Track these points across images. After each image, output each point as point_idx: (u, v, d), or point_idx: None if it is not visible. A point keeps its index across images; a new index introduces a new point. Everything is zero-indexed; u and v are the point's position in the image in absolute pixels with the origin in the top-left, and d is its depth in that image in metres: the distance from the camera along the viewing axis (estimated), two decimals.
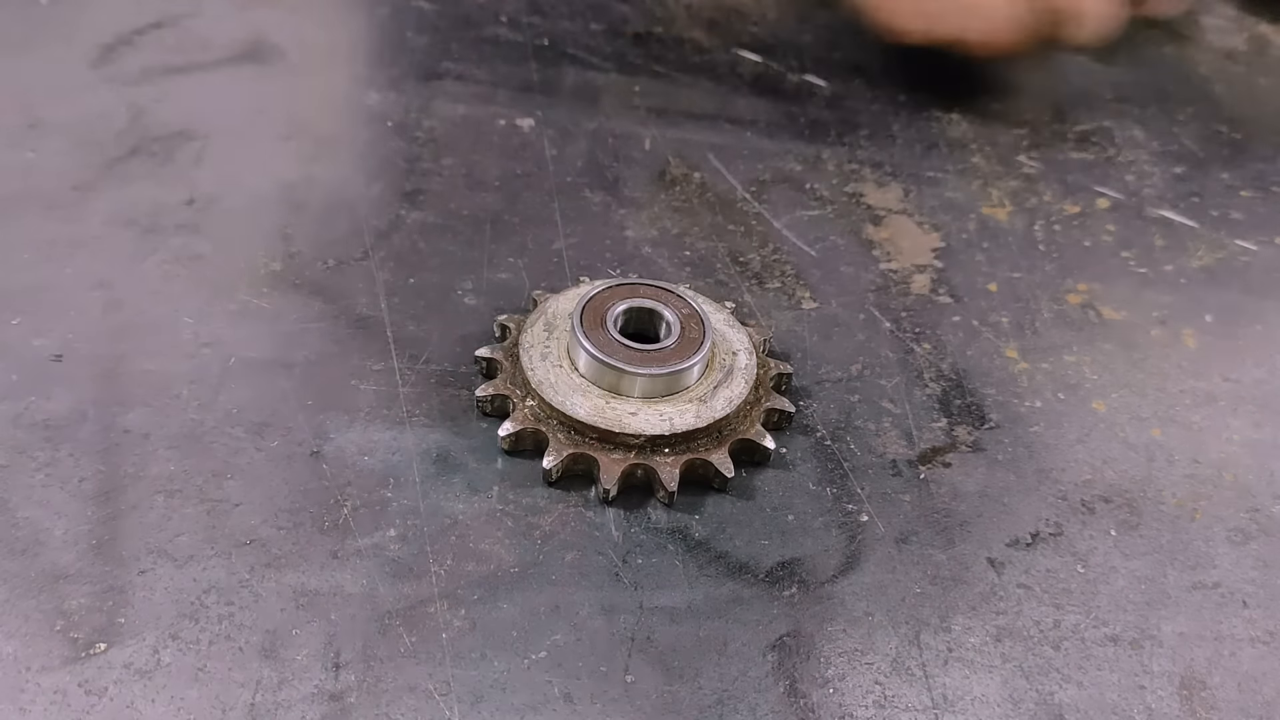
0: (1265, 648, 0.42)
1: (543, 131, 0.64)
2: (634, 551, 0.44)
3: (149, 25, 0.69)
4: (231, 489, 0.44)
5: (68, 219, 0.55)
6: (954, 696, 0.40)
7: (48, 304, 0.51)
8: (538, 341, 0.48)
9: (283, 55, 0.68)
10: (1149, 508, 0.47)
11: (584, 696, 0.39)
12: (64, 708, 0.37)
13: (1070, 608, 0.43)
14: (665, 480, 0.45)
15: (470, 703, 0.39)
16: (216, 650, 0.39)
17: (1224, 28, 0.80)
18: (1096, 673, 0.41)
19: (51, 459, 0.45)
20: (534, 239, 0.57)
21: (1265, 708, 0.41)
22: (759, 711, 0.39)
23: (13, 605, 0.40)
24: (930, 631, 0.42)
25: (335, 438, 0.46)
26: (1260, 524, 0.47)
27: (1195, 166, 0.67)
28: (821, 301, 0.55)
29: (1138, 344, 0.55)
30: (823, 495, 0.46)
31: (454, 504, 0.45)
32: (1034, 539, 0.46)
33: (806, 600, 0.43)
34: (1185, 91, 0.74)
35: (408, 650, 0.40)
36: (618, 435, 0.45)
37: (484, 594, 0.42)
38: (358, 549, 0.43)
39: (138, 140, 0.60)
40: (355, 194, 0.59)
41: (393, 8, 0.72)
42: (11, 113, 0.61)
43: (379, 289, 0.53)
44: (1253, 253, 0.61)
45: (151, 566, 0.41)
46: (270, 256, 0.54)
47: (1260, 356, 0.55)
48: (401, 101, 0.65)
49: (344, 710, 0.38)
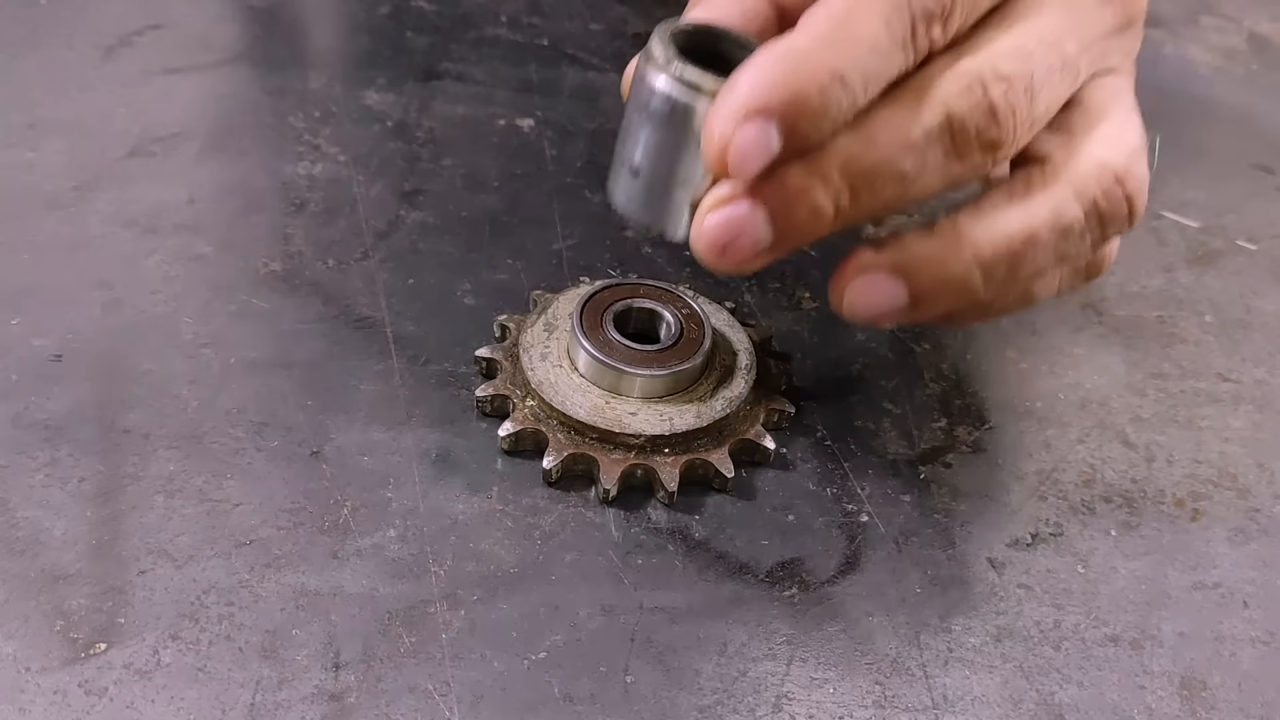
0: (1265, 648, 0.42)
1: (543, 131, 0.64)
2: (634, 551, 0.44)
3: (149, 26, 0.69)
4: (231, 489, 0.44)
5: (68, 219, 0.55)
6: (954, 696, 0.40)
7: (48, 304, 0.51)
8: (537, 342, 0.48)
9: (283, 55, 0.68)
10: (1149, 508, 0.47)
11: (584, 696, 0.39)
12: (64, 708, 0.37)
13: (1070, 608, 0.43)
14: (665, 480, 0.45)
15: (470, 703, 0.39)
16: (216, 650, 0.39)
17: (1224, 28, 0.80)
18: (1096, 673, 0.41)
19: (51, 459, 0.45)
20: (533, 239, 0.57)
21: (1265, 708, 0.41)
22: (758, 712, 0.39)
23: (13, 605, 0.40)
24: (930, 631, 0.42)
25: (335, 438, 0.46)
26: (1260, 524, 0.47)
27: (1195, 166, 0.67)
28: (821, 301, 0.55)
29: (1138, 344, 0.55)
30: (823, 495, 0.46)
31: (454, 504, 0.45)
32: (1034, 539, 0.46)
33: (806, 600, 0.43)
34: (1185, 91, 0.74)
35: (408, 650, 0.40)
36: (618, 435, 0.45)
37: (484, 594, 0.42)
38: (358, 549, 0.43)
39: (138, 140, 0.61)
40: (355, 194, 0.59)
41: (393, 8, 0.73)
42: (11, 113, 0.61)
43: (379, 289, 0.53)
44: (1252, 253, 0.61)
45: (151, 566, 0.41)
46: (270, 256, 0.54)
47: (1260, 356, 0.55)
48: (401, 101, 0.65)
49: (344, 710, 0.38)
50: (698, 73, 0.37)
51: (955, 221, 0.41)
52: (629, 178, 0.40)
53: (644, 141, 0.39)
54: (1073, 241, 0.41)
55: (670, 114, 0.38)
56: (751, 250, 0.39)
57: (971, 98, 0.37)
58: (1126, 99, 0.43)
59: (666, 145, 0.39)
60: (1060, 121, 0.42)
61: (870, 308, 0.41)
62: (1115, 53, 0.43)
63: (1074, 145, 0.41)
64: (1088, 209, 0.41)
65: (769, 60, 0.36)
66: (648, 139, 0.39)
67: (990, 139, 0.38)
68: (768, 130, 0.36)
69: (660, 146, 0.39)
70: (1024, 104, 0.38)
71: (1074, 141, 0.41)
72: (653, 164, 0.40)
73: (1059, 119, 0.42)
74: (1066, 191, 0.41)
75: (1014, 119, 0.38)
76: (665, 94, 0.38)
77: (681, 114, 0.38)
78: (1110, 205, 0.41)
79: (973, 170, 0.39)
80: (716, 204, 0.39)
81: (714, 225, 0.39)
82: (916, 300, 0.41)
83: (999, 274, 0.41)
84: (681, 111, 0.38)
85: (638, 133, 0.40)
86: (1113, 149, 0.41)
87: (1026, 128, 0.39)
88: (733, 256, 0.39)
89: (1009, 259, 0.40)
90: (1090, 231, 0.41)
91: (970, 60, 0.38)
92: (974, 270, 0.41)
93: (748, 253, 0.39)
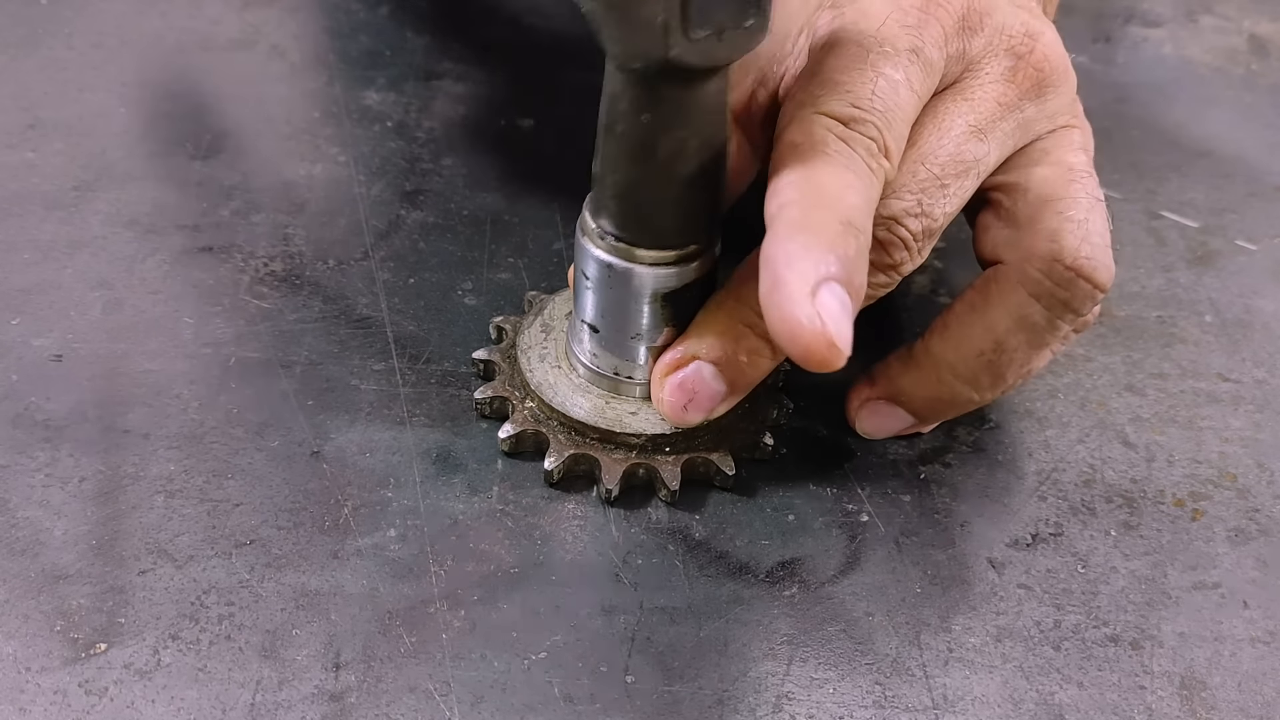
0: (1265, 648, 0.42)
1: (543, 131, 0.64)
2: (634, 551, 0.44)
3: (148, 25, 0.69)
4: (231, 489, 0.44)
5: (68, 219, 0.55)
6: (954, 696, 0.40)
7: (48, 304, 0.51)
8: (535, 343, 0.48)
9: (283, 55, 0.68)
10: (1149, 508, 0.47)
11: (584, 696, 0.39)
12: (64, 708, 0.37)
13: (1070, 608, 0.43)
14: (667, 479, 0.45)
15: (470, 703, 0.39)
16: (216, 650, 0.39)
17: (1224, 28, 0.80)
18: (1096, 673, 0.41)
19: (51, 459, 0.45)
20: (534, 239, 0.57)
21: (1265, 708, 0.41)
22: (759, 712, 0.39)
23: (13, 605, 0.40)
24: (930, 631, 0.42)
25: (335, 438, 0.46)
26: (1260, 524, 0.47)
27: (1195, 166, 0.67)
28: None
29: (1138, 344, 0.55)
30: (823, 495, 0.46)
31: (454, 504, 0.45)
32: (1034, 539, 0.46)
33: (806, 600, 0.43)
34: (1185, 91, 0.74)
35: (408, 650, 0.40)
36: (618, 435, 0.45)
37: (484, 594, 0.42)
38: (358, 549, 0.43)
39: (138, 140, 0.61)
40: (355, 194, 0.59)
41: (393, 8, 0.72)
42: (11, 113, 0.61)
43: (379, 289, 0.53)
44: (1252, 252, 0.61)
45: (151, 566, 0.41)
46: (270, 256, 0.54)
47: (1260, 356, 0.55)
48: (401, 101, 0.65)
49: (344, 710, 0.38)
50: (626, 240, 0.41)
51: (928, 346, 0.45)
52: (590, 334, 0.45)
53: (593, 304, 0.44)
54: (1042, 332, 0.43)
55: (610, 277, 0.42)
56: (710, 403, 0.43)
57: None
58: (1068, 161, 0.44)
59: (614, 304, 0.43)
60: (1008, 214, 0.44)
61: (883, 431, 0.47)
62: (1039, 120, 0.44)
63: (1022, 243, 0.43)
64: (1047, 302, 0.43)
65: None
66: (596, 301, 0.44)
67: (891, 264, 0.42)
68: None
69: (609, 306, 0.43)
70: (912, 225, 0.41)
71: (1021, 238, 0.43)
72: (607, 321, 0.44)
73: (1006, 211, 0.44)
74: (1021, 294, 0.43)
75: (900, 244, 0.41)
76: (602, 260, 0.42)
77: (621, 275, 0.42)
78: (1070, 292, 0.42)
79: (886, 283, 0.42)
80: (667, 369, 0.43)
81: (672, 389, 0.43)
82: (921, 417, 0.45)
83: (984, 381, 0.44)
84: (621, 273, 0.42)
85: (585, 295, 0.44)
86: (1060, 236, 0.42)
87: (926, 237, 0.42)
88: (696, 412, 0.43)
89: (987, 366, 0.43)
90: (1058, 317, 0.43)
91: None
92: (957, 385, 0.44)
93: (707, 405, 0.43)
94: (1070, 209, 0.42)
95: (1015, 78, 0.43)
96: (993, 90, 0.42)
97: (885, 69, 0.40)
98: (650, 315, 0.43)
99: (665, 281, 0.42)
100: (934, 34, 0.41)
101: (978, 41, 0.43)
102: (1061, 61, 0.44)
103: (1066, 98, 0.45)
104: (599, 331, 0.45)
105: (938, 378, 0.45)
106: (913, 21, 0.41)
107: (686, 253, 0.42)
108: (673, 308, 0.43)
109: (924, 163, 0.41)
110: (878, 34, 0.40)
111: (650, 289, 0.42)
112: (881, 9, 0.41)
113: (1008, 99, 0.42)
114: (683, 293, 0.43)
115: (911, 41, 0.40)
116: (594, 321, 0.44)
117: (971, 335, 0.44)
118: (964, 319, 0.44)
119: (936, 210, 0.41)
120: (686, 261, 0.42)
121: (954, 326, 0.44)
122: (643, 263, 0.42)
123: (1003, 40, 0.43)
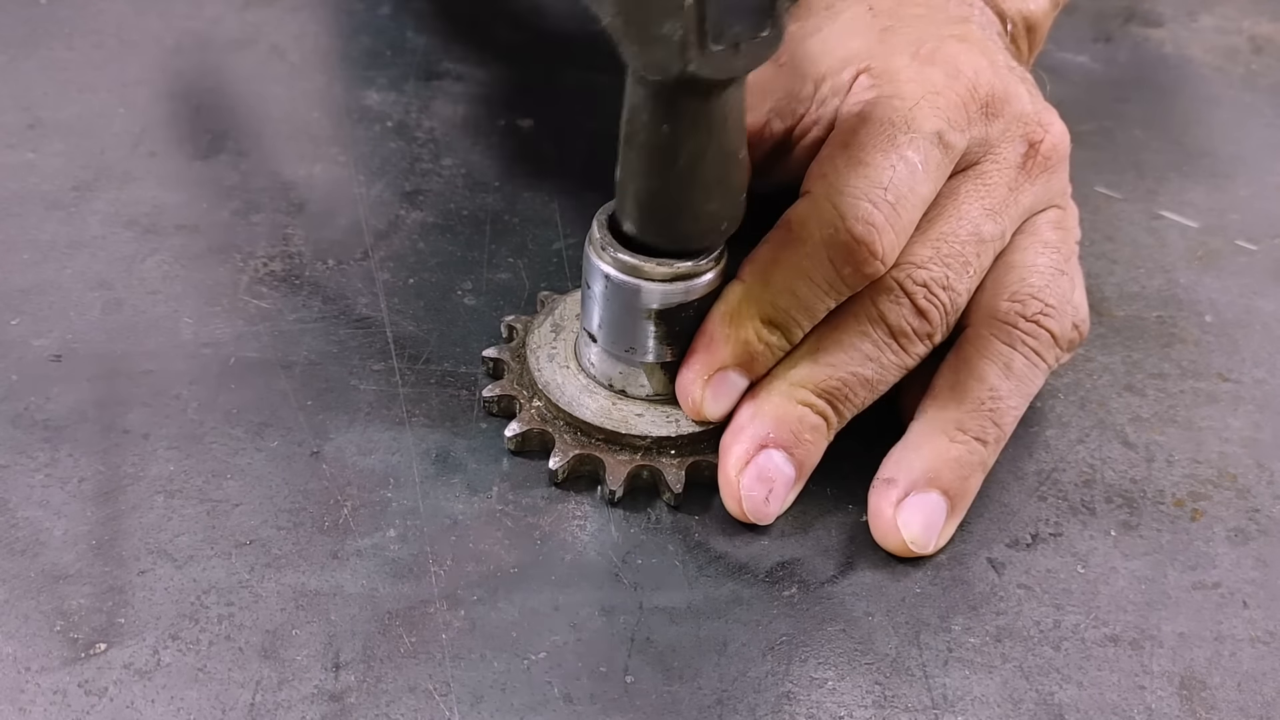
0: (1265, 648, 0.42)
1: (543, 131, 0.64)
2: (634, 551, 0.44)
3: (148, 25, 0.69)
4: (231, 489, 0.44)
5: (68, 219, 0.55)
6: (954, 696, 0.40)
7: (48, 304, 0.51)
8: (544, 342, 0.48)
9: (282, 55, 0.68)
10: (1149, 508, 0.47)
11: (584, 696, 0.39)
12: (64, 708, 0.37)
13: (1070, 608, 0.43)
14: (671, 482, 0.45)
15: (470, 703, 0.39)
16: (216, 650, 0.39)
17: (1224, 28, 0.80)
18: (1096, 673, 0.41)
19: (51, 459, 0.45)
20: (534, 239, 0.57)
21: (1265, 708, 0.41)
22: (759, 712, 0.39)
23: (13, 605, 0.40)
24: (930, 631, 0.42)
25: (335, 438, 0.46)
26: (1260, 524, 0.47)
27: (1195, 166, 0.67)
28: None
29: (1137, 344, 0.55)
30: (823, 495, 0.46)
31: (454, 504, 0.45)
32: (1034, 539, 0.46)
33: (806, 600, 0.43)
34: (1185, 91, 0.74)
35: (408, 650, 0.40)
36: (624, 436, 0.45)
37: (484, 594, 0.42)
38: (358, 549, 0.43)
39: (137, 140, 0.61)
40: (355, 194, 0.59)
41: (393, 8, 0.72)
42: (11, 113, 0.61)
43: (379, 289, 0.53)
44: (1252, 252, 0.61)
45: (151, 566, 0.41)
46: (270, 256, 0.54)
47: (1260, 356, 0.55)
48: (401, 101, 0.65)
49: (344, 710, 0.38)
50: (636, 256, 0.42)
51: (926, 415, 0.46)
52: (590, 343, 0.46)
53: (598, 315, 0.45)
54: (1033, 377, 0.46)
55: (619, 291, 0.43)
56: (785, 491, 0.44)
57: (900, 305, 0.44)
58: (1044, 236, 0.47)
59: (618, 317, 0.44)
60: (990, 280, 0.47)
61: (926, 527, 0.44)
62: (1039, 202, 0.48)
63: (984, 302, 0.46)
64: (1027, 354, 0.46)
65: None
66: (601, 312, 0.44)
67: (925, 332, 0.44)
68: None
69: (613, 319, 0.44)
70: (943, 296, 0.44)
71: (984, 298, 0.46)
72: (608, 333, 0.45)
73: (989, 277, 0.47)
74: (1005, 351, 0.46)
75: (937, 311, 0.44)
76: (609, 275, 0.43)
77: (631, 291, 0.43)
78: (1042, 346, 0.46)
79: (918, 354, 0.45)
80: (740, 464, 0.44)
81: (750, 482, 0.44)
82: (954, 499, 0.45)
83: (990, 436, 0.45)
84: (631, 289, 0.43)
85: (592, 306, 0.45)
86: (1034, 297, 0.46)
87: (953, 310, 0.45)
88: (776, 503, 0.44)
89: (990, 414, 0.45)
90: (1043, 360, 0.46)
91: (895, 270, 0.44)
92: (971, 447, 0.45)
93: (783, 494, 0.44)
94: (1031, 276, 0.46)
95: (1026, 164, 0.47)
96: (1006, 176, 0.46)
97: (908, 152, 0.43)
98: (650, 331, 0.44)
99: (669, 298, 0.43)
100: (959, 119, 0.45)
101: (997, 126, 0.46)
102: (1065, 149, 0.48)
103: (1062, 182, 0.49)
104: (598, 342, 0.45)
105: (948, 450, 0.45)
106: (942, 104, 0.44)
107: (688, 270, 0.43)
108: (670, 325, 0.44)
109: (946, 240, 0.45)
110: (908, 116, 0.44)
111: (654, 304, 0.43)
112: (915, 91, 0.45)
113: (1017, 184, 0.46)
114: (681, 310, 0.44)
115: (938, 125, 0.44)
116: (595, 331, 0.45)
117: (966, 392, 0.45)
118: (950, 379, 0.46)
119: (960, 285, 0.45)
120: (688, 278, 0.43)
121: (946, 394, 0.46)
122: (647, 278, 0.43)
123: (1019, 127, 0.47)
